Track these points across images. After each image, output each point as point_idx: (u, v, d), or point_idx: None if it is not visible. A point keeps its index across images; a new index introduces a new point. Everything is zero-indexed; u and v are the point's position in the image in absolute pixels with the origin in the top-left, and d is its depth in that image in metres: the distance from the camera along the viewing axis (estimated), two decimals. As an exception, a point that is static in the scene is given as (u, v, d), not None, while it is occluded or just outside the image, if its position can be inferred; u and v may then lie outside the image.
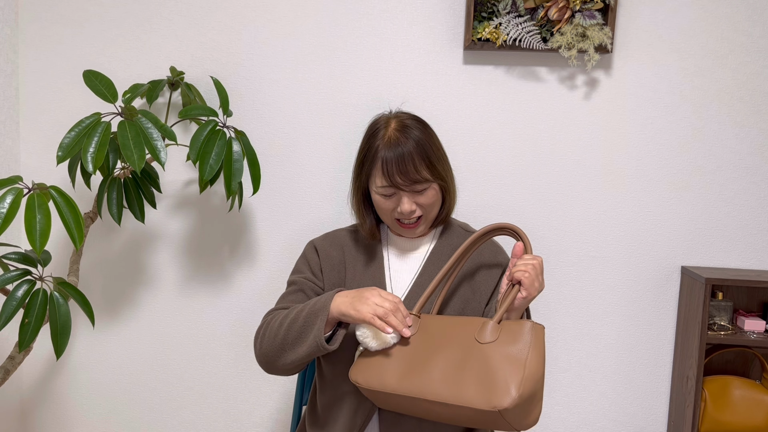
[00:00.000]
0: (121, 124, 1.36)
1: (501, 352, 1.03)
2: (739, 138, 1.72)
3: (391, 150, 1.20)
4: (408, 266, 1.32)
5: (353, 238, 1.38)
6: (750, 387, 1.66)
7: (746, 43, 1.68)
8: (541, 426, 1.83)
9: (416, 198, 1.23)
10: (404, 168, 1.20)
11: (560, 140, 1.74)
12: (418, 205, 1.24)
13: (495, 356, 1.03)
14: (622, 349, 1.79)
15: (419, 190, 1.23)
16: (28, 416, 1.89)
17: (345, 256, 1.34)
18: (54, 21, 1.76)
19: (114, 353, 1.87)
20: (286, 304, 1.29)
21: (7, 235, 1.69)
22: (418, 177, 1.21)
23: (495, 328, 1.06)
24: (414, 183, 1.21)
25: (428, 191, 1.24)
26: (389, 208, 1.25)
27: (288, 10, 1.74)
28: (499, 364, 1.02)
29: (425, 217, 1.27)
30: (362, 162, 1.27)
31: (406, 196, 1.23)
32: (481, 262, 1.30)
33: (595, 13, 1.62)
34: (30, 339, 1.29)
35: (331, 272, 1.33)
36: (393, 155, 1.20)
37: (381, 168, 1.21)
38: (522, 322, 1.06)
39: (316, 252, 1.36)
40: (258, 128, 1.78)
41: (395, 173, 1.20)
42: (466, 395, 1.01)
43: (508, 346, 1.03)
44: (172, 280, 1.84)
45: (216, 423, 1.89)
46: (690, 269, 1.69)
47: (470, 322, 1.10)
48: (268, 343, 1.21)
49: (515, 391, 0.98)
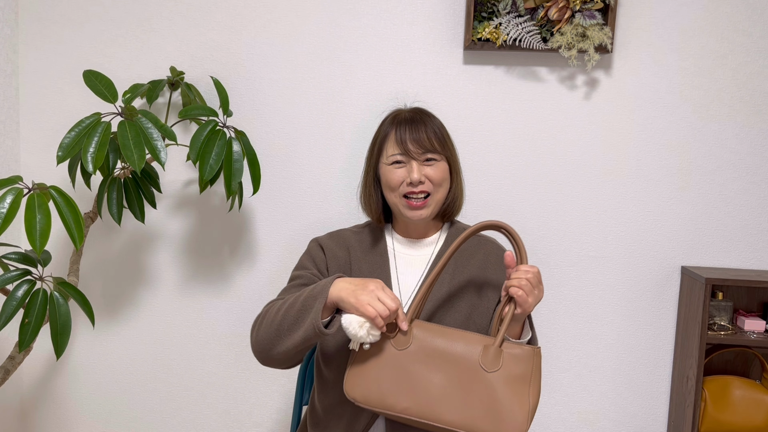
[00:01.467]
0: (121, 124, 1.36)
1: (506, 381, 1.08)
2: (739, 138, 1.72)
3: (405, 121, 1.27)
4: (414, 268, 1.32)
5: (358, 239, 1.37)
6: (750, 387, 1.66)
7: (746, 43, 1.68)
8: (541, 426, 1.83)
9: (426, 170, 1.26)
10: (417, 135, 1.25)
11: (560, 140, 1.74)
12: (427, 178, 1.26)
13: (500, 385, 1.08)
14: (622, 349, 1.79)
15: (429, 162, 1.26)
16: (28, 416, 1.89)
17: (351, 257, 1.33)
18: (54, 21, 1.76)
19: (114, 353, 1.87)
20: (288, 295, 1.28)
21: (7, 235, 1.69)
22: (430, 146, 1.25)
23: (497, 354, 1.09)
24: (426, 152, 1.25)
25: (438, 165, 1.27)
26: (398, 179, 1.26)
27: (288, 10, 1.74)
28: (505, 394, 1.07)
29: (432, 196, 1.27)
30: (375, 140, 1.32)
31: (416, 165, 1.25)
32: (488, 267, 1.30)
33: (595, 13, 1.62)
34: (30, 339, 1.29)
35: (337, 271, 1.32)
36: (408, 124, 1.27)
37: (395, 136, 1.26)
38: (524, 348, 1.10)
39: (322, 250, 1.34)
40: (258, 128, 1.78)
41: (408, 140, 1.25)
42: (476, 425, 1.06)
43: (512, 376, 1.08)
44: (172, 280, 1.84)
45: (216, 423, 1.89)
46: (690, 269, 1.69)
47: (471, 342, 1.11)
48: (264, 330, 1.18)
49: (525, 424, 1.06)
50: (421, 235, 1.35)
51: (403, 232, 1.36)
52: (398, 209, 1.29)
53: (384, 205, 1.35)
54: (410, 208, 1.27)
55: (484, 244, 1.34)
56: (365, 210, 1.36)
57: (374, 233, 1.37)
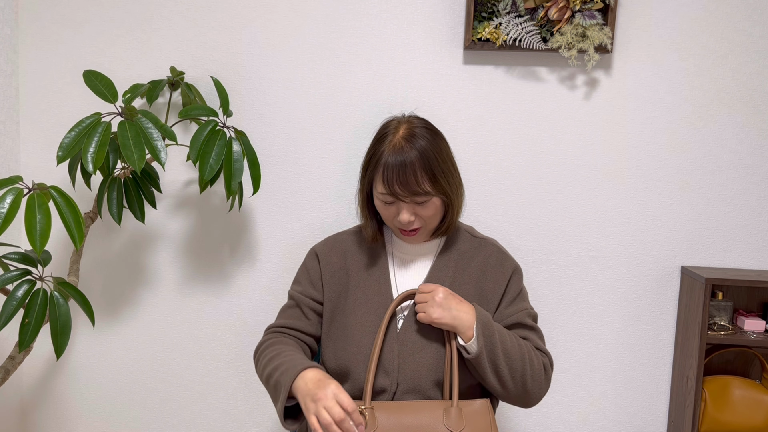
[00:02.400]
0: (121, 124, 1.36)
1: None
2: (739, 138, 1.72)
3: (393, 157, 1.18)
4: (413, 271, 1.32)
5: (356, 240, 1.37)
6: (750, 387, 1.66)
7: (746, 43, 1.68)
8: (541, 426, 1.83)
9: (416, 209, 1.21)
10: (404, 179, 1.17)
11: (560, 140, 1.74)
12: (417, 216, 1.22)
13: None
14: (622, 349, 1.79)
15: (419, 202, 1.20)
16: (28, 416, 1.89)
17: (347, 262, 1.33)
18: (54, 21, 1.76)
19: (114, 353, 1.87)
20: (283, 321, 1.32)
21: (7, 235, 1.69)
22: (419, 189, 1.18)
23: (458, 414, 1.16)
24: (414, 195, 1.18)
25: (429, 204, 1.21)
26: (389, 215, 1.25)
27: (288, 10, 1.74)
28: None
29: (424, 228, 1.26)
30: (367, 165, 1.25)
31: (406, 206, 1.21)
32: (487, 269, 1.29)
33: (595, 13, 1.62)
34: (30, 339, 1.28)
35: (332, 279, 1.32)
36: (395, 163, 1.17)
37: (382, 175, 1.19)
38: (478, 405, 1.18)
39: (316, 259, 1.35)
40: (258, 128, 1.78)
41: (395, 183, 1.17)
42: None
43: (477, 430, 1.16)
44: (172, 280, 1.84)
45: (216, 423, 1.89)
46: (690, 269, 1.69)
47: (432, 409, 1.17)
48: (259, 373, 1.25)
49: None
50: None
51: None
52: (394, 231, 1.31)
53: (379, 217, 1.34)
54: (404, 235, 1.28)
55: (485, 247, 1.32)
56: (362, 227, 1.36)
57: None
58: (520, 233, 1.77)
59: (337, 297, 1.31)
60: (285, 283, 1.81)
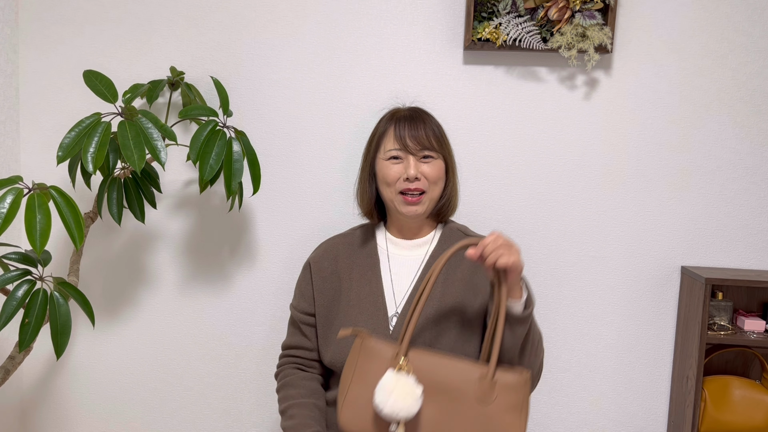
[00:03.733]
0: (121, 124, 1.36)
1: (500, 413, 1.08)
2: (739, 138, 1.72)
3: (405, 118, 1.30)
4: (407, 269, 1.32)
5: (348, 243, 1.38)
6: (750, 387, 1.66)
7: (746, 43, 1.68)
8: (541, 426, 1.83)
9: (422, 167, 1.27)
10: (416, 132, 1.28)
11: (560, 140, 1.74)
12: (423, 175, 1.27)
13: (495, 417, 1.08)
14: (622, 349, 1.79)
15: (426, 159, 1.28)
16: (28, 416, 1.89)
17: (338, 266, 1.35)
18: (54, 21, 1.76)
19: (114, 353, 1.87)
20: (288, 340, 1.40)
21: (7, 235, 1.69)
22: (428, 143, 1.28)
23: (491, 386, 1.09)
24: (423, 148, 1.28)
25: (435, 162, 1.29)
26: (395, 174, 1.27)
27: (288, 10, 1.74)
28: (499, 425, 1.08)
29: (428, 194, 1.28)
30: (374, 136, 1.34)
31: (414, 160, 1.27)
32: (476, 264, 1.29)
33: (595, 13, 1.62)
34: (30, 339, 1.29)
35: (324, 285, 1.34)
36: (407, 121, 1.30)
37: (394, 132, 1.29)
38: (516, 377, 1.09)
39: (308, 269, 1.38)
40: (258, 128, 1.78)
41: (407, 136, 1.27)
42: None
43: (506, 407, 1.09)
44: (172, 280, 1.84)
45: (216, 423, 1.89)
46: (690, 269, 1.69)
47: (467, 373, 1.10)
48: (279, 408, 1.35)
49: None
50: (414, 235, 1.35)
51: (396, 232, 1.36)
52: (393, 205, 1.30)
53: (378, 202, 1.36)
54: (406, 203, 1.28)
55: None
56: (359, 203, 1.39)
57: (365, 234, 1.39)
58: (520, 233, 1.77)
59: (330, 302, 1.33)
60: (285, 283, 1.81)
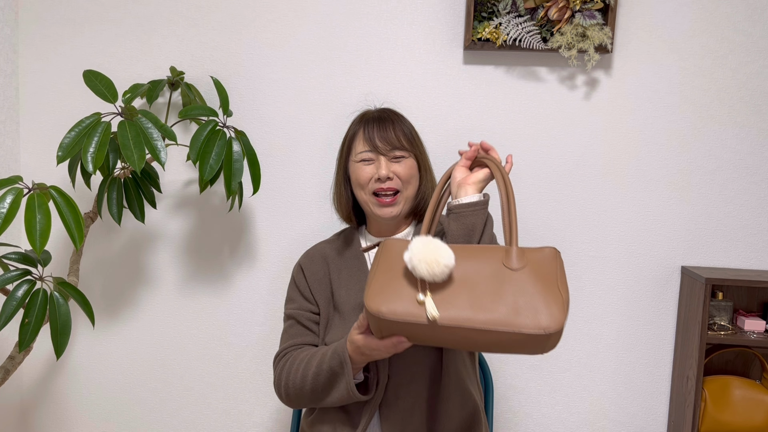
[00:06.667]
0: (121, 124, 1.36)
1: (533, 279, 1.02)
2: (739, 138, 1.72)
3: (373, 120, 1.31)
4: None
5: (335, 247, 1.40)
6: (750, 387, 1.66)
7: (746, 43, 1.68)
8: (541, 426, 1.83)
9: (394, 167, 1.28)
10: (384, 133, 1.28)
11: (560, 140, 1.74)
12: (395, 175, 1.27)
13: (529, 283, 1.01)
14: (622, 349, 1.79)
15: (397, 158, 1.28)
16: (28, 416, 1.89)
17: (329, 268, 1.36)
18: (54, 21, 1.76)
19: (114, 353, 1.87)
20: (289, 342, 1.32)
21: (7, 235, 1.69)
22: (398, 143, 1.28)
23: (520, 254, 1.04)
24: (393, 148, 1.28)
25: (406, 161, 1.29)
26: (367, 176, 1.28)
27: (288, 10, 1.74)
28: (536, 289, 1.00)
29: (402, 194, 1.29)
30: (345, 139, 1.36)
31: (384, 161, 1.28)
32: None
33: (595, 13, 1.62)
34: (30, 339, 1.28)
35: (319, 287, 1.35)
36: (375, 122, 1.31)
37: (363, 133, 1.30)
38: (542, 249, 1.05)
39: (302, 272, 1.38)
40: (258, 128, 1.78)
41: (375, 137, 1.28)
42: (512, 321, 0.98)
43: (539, 274, 1.03)
44: (172, 280, 1.84)
45: (216, 423, 1.89)
46: (690, 269, 1.69)
47: (492, 250, 1.06)
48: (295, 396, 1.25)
49: (562, 314, 0.99)
50: (392, 232, 1.36)
51: (375, 232, 1.38)
52: (369, 207, 1.31)
53: (355, 205, 1.36)
54: (380, 205, 1.28)
55: None
56: (337, 209, 1.39)
57: (348, 239, 1.40)
58: (520, 233, 1.77)
59: (326, 304, 1.34)
60: (285, 283, 1.81)
